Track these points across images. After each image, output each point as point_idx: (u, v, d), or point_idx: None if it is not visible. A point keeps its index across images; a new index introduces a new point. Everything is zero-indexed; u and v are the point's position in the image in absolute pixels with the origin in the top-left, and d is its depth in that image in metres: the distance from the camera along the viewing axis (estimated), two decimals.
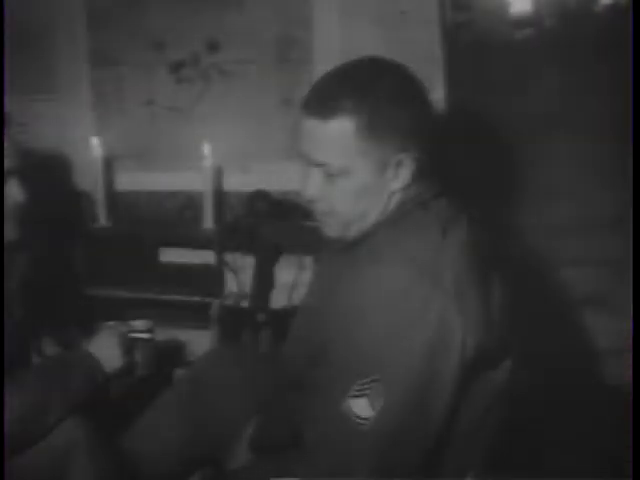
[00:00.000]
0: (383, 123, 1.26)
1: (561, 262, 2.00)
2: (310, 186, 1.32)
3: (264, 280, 2.33)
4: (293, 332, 1.54)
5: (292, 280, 2.32)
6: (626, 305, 1.61)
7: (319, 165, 1.30)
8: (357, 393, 1.18)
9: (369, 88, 1.26)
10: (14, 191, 1.56)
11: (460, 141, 2.02)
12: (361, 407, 1.18)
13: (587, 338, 1.99)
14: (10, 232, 1.58)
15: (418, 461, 1.22)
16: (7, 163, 1.54)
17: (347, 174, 1.28)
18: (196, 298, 2.32)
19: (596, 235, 1.96)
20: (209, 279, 2.35)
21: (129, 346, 1.68)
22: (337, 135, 1.26)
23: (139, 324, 1.73)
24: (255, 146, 2.35)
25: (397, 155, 1.28)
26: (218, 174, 2.35)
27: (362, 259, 1.29)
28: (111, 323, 1.73)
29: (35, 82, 2.42)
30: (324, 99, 1.27)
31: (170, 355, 2.23)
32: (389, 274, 1.22)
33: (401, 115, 1.27)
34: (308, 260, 2.29)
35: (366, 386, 1.18)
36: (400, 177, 1.30)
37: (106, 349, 1.62)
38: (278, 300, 2.34)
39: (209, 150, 2.26)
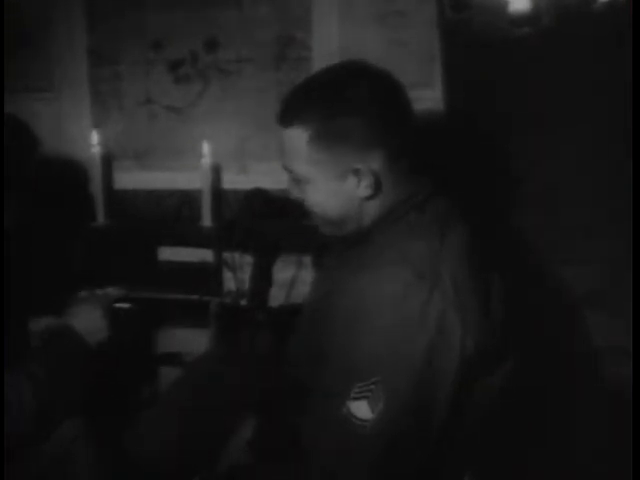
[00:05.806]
0: (335, 134, 1.26)
1: (561, 261, 1.99)
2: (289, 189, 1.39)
3: (263, 278, 2.33)
4: (295, 334, 1.54)
5: (291, 278, 2.32)
6: (626, 305, 1.61)
7: (288, 170, 1.35)
8: (357, 395, 1.19)
9: (325, 99, 1.27)
10: None
11: (458, 140, 2.02)
12: (361, 409, 1.18)
13: (586, 337, 1.99)
14: None
15: (418, 463, 1.23)
16: None
17: (307, 181, 1.31)
18: (194, 297, 2.32)
19: (596, 235, 1.96)
20: (207, 277, 2.35)
21: (113, 317, 1.57)
22: (294, 143, 1.29)
23: (117, 292, 1.64)
24: (253, 145, 2.35)
25: (353, 166, 1.28)
26: (216, 173, 2.35)
27: (361, 262, 1.30)
28: (86, 293, 1.62)
29: (33, 80, 2.41)
30: (287, 107, 1.31)
31: (152, 322, 2.21)
32: (388, 277, 1.23)
33: (356, 126, 1.26)
34: (306, 258, 2.29)
35: (366, 388, 1.18)
36: (362, 187, 1.29)
37: (88, 321, 1.51)
38: (277, 298, 2.34)
39: (208, 149, 2.26)
